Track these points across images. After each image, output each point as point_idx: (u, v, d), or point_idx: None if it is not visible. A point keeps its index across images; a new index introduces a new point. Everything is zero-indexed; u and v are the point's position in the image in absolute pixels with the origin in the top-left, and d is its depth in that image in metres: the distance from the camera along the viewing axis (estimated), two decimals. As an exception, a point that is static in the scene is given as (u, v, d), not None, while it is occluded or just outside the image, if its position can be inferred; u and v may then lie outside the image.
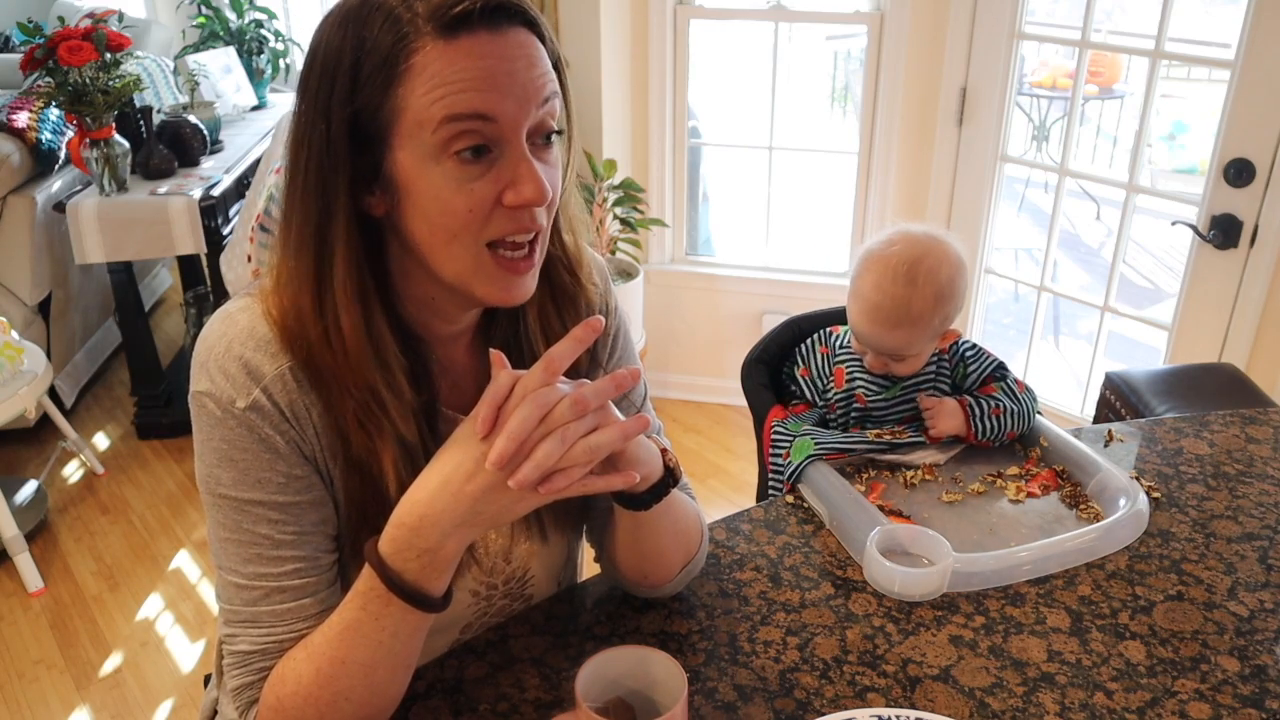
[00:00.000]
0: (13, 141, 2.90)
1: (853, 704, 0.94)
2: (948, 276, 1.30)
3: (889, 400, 1.37)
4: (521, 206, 0.79)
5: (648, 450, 0.88)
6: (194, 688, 2.22)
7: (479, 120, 0.76)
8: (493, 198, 0.79)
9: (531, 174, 0.79)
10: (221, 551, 0.87)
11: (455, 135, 0.77)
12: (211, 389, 0.84)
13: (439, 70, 0.76)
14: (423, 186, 0.79)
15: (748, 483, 2.91)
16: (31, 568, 2.51)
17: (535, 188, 0.79)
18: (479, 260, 0.81)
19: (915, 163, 2.88)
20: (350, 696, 0.83)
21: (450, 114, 0.76)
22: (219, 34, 3.86)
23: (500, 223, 0.80)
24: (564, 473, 0.75)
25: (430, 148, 0.77)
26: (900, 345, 1.33)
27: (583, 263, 0.98)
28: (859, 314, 1.33)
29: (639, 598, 1.07)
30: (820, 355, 1.44)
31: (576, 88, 0.84)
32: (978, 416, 1.33)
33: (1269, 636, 1.03)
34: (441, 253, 0.82)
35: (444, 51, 0.76)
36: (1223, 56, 2.27)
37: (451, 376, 0.95)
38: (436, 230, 0.80)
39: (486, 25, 0.76)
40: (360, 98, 0.78)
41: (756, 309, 3.19)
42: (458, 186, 0.78)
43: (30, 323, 2.97)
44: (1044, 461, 1.33)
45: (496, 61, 0.77)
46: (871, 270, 1.32)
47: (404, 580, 0.79)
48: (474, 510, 0.77)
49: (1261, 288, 2.30)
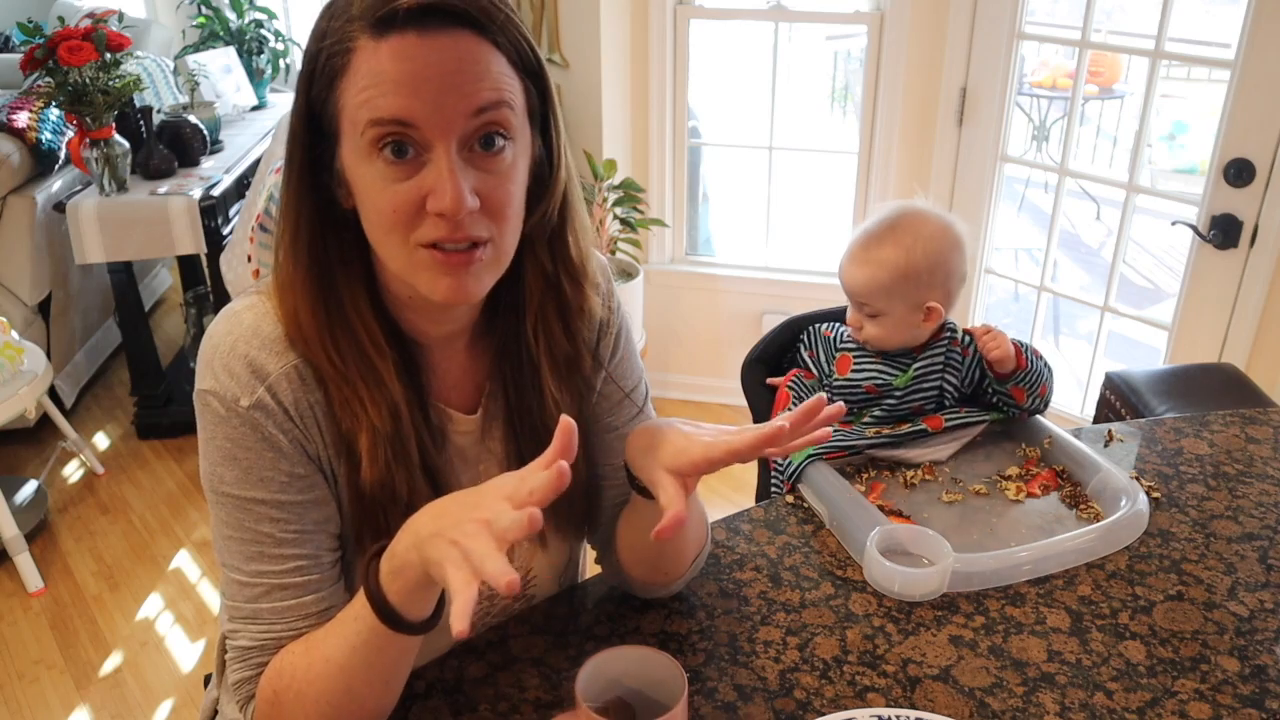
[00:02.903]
0: (13, 141, 2.90)
1: (853, 704, 0.94)
2: (930, 237, 1.31)
3: (904, 388, 1.36)
4: (440, 215, 0.78)
5: (696, 510, 0.90)
6: (194, 688, 2.22)
7: (398, 125, 0.76)
8: (416, 201, 0.78)
9: (451, 183, 0.76)
10: (224, 549, 0.87)
11: (378, 137, 0.77)
12: (216, 387, 0.84)
13: (368, 70, 0.76)
14: (361, 184, 0.80)
15: (748, 483, 2.89)
16: (31, 568, 2.51)
17: (453, 197, 0.76)
18: (414, 257, 0.81)
19: (915, 163, 2.88)
20: (330, 700, 0.83)
21: (372, 118, 0.76)
22: (219, 34, 3.86)
23: (429, 228, 0.79)
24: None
25: (362, 147, 0.78)
26: (865, 287, 1.32)
27: (588, 272, 0.96)
28: (844, 256, 1.37)
29: (639, 598, 1.07)
30: (824, 339, 1.45)
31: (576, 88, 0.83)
32: (1025, 349, 1.34)
33: (1269, 636, 1.03)
34: (383, 248, 0.82)
35: (374, 51, 0.76)
36: (1223, 56, 2.27)
37: (451, 378, 0.95)
38: (374, 227, 0.82)
39: (416, 27, 0.75)
40: (314, 90, 0.80)
41: (756, 309, 3.19)
42: (383, 186, 0.78)
43: (30, 323, 2.97)
44: (1044, 461, 1.33)
45: (421, 65, 0.75)
46: (867, 219, 1.37)
47: (380, 586, 0.78)
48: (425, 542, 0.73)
49: (1261, 288, 2.30)
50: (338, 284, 0.85)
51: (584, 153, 2.92)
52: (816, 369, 1.44)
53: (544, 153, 0.87)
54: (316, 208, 0.84)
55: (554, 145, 0.87)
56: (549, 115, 0.86)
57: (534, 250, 0.90)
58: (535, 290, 0.92)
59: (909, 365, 1.37)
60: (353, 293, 0.86)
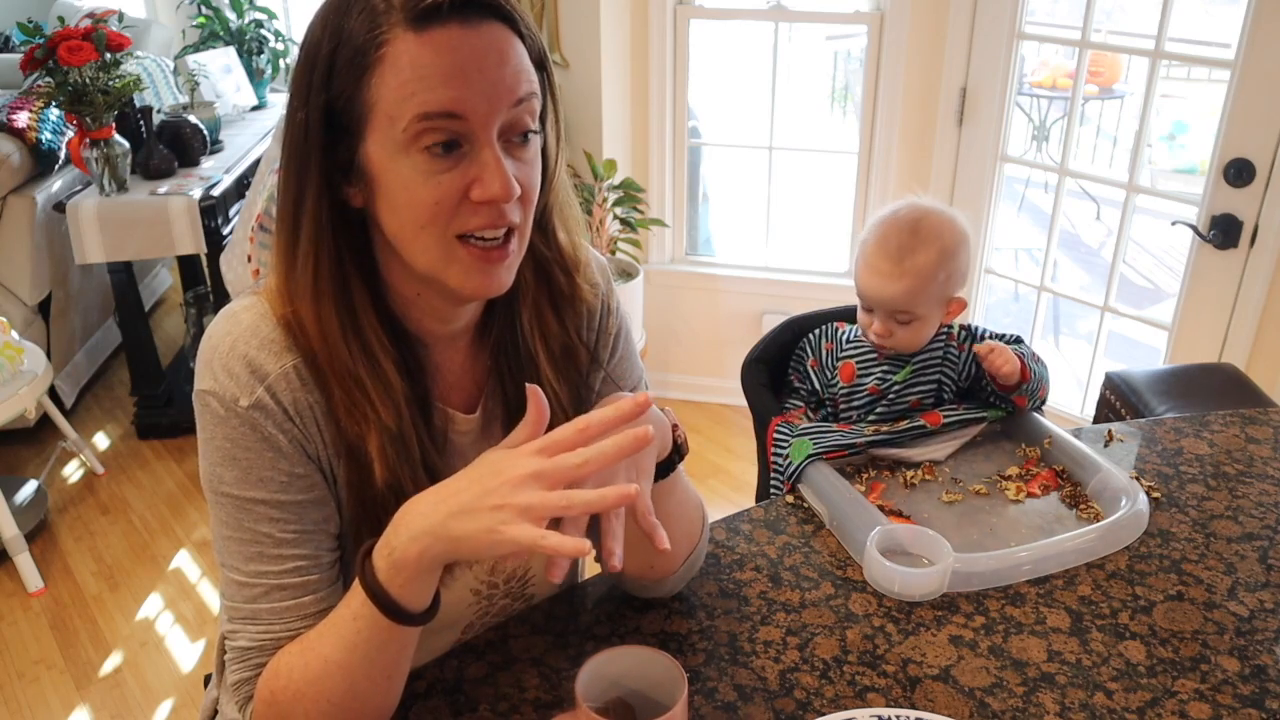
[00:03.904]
0: (13, 141, 2.89)
1: (853, 704, 0.94)
2: (951, 236, 1.34)
3: (903, 382, 1.37)
4: (488, 202, 0.79)
5: (658, 418, 0.89)
6: (194, 688, 2.22)
7: (448, 118, 0.77)
8: (460, 191, 0.79)
9: (499, 170, 0.78)
10: (224, 549, 0.87)
11: (424, 131, 0.77)
12: (215, 387, 0.84)
13: (409, 63, 0.76)
14: (391, 178, 0.80)
15: (748, 483, 2.91)
16: (31, 568, 2.51)
17: (502, 184, 0.78)
18: (450, 251, 0.81)
19: (915, 163, 2.88)
20: (333, 699, 0.82)
21: (421, 112, 0.76)
22: (219, 34, 3.86)
23: (468, 217, 0.80)
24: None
25: (400, 141, 0.78)
26: (902, 297, 1.33)
27: (580, 263, 0.97)
28: (865, 270, 1.36)
29: (639, 598, 1.07)
30: (825, 351, 1.44)
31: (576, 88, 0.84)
32: (1028, 359, 1.35)
33: (1269, 636, 1.03)
34: (413, 244, 0.82)
35: (414, 43, 0.76)
36: (1223, 56, 2.27)
37: (451, 377, 0.95)
38: (405, 222, 0.81)
39: (458, 18, 0.76)
40: (334, 86, 0.79)
41: (756, 309, 3.19)
42: (425, 179, 0.78)
43: (30, 323, 2.97)
44: (1044, 461, 1.33)
45: (467, 56, 0.76)
46: (879, 227, 1.36)
47: (378, 581, 0.78)
48: (445, 523, 0.74)
49: (1261, 288, 2.30)
50: (349, 284, 0.85)
51: (584, 153, 2.92)
52: (820, 378, 1.44)
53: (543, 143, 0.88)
54: (325, 207, 0.83)
55: (549, 137, 0.88)
56: (551, 107, 0.87)
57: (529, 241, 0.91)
58: (529, 281, 0.93)
59: (908, 360, 1.39)
60: (360, 292, 0.86)
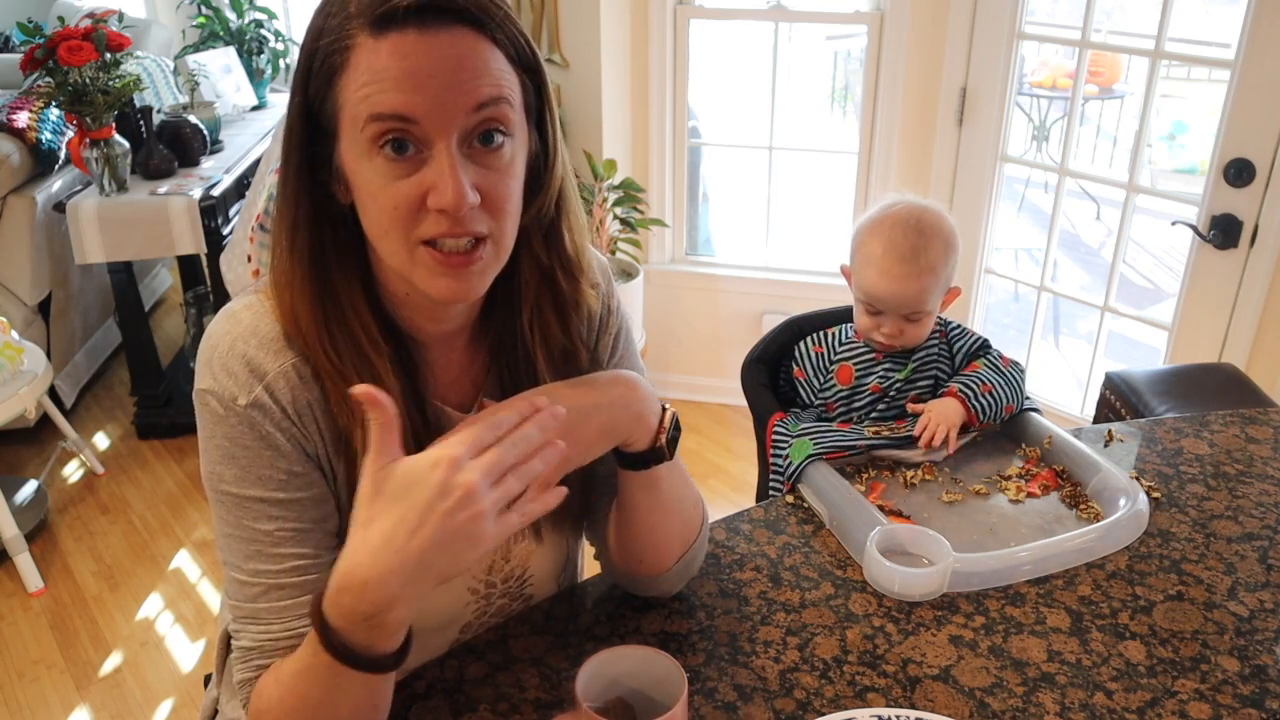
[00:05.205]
0: (13, 141, 2.89)
1: (853, 704, 0.94)
2: (947, 226, 1.37)
3: (905, 380, 1.39)
4: (441, 211, 0.78)
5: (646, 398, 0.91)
6: (194, 688, 2.22)
7: (400, 120, 0.76)
8: (417, 198, 0.78)
9: (452, 177, 0.77)
10: (225, 548, 0.87)
11: (379, 133, 0.77)
12: (214, 386, 0.84)
13: (367, 67, 0.76)
14: (359, 181, 0.80)
15: (748, 483, 2.91)
16: (31, 568, 2.51)
17: (455, 192, 0.76)
18: (414, 255, 0.81)
19: (915, 163, 2.88)
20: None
21: (372, 113, 0.76)
22: (219, 34, 3.86)
23: (430, 224, 0.79)
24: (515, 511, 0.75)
25: (362, 144, 0.78)
26: (918, 296, 1.35)
27: (584, 268, 0.96)
28: (876, 275, 1.36)
29: (639, 598, 1.07)
30: (815, 355, 1.44)
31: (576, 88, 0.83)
32: (973, 398, 1.34)
33: (1269, 636, 1.03)
34: (383, 245, 0.82)
35: (374, 48, 0.76)
36: (1223, 56, 2.27)
37: (447, 375, 0.95)
38: (372, 224, 0.82)
39: (416, 24, 0.75)
40: (311, 87, 0.80)
41: (756, 309, 3.19)
42: (384, 184, 0.78)
43: (30, 323, 2.97)
44: (1044, 461, 1.33)
45: (421, 62, 0.75)
46: (879, 230, 1.37)
47: (351, 645, 0.75)
48: (421, 565, 0.72)
49: (1261, 288, 2.30)
50: (334, 281, 0.85)
51: (584, 153, 2.92)
52: (807, 388, 1.44)
53: (540, 148, 0.87)
54: (314, 204, 0.84)
55: (550, 140, 0.88)
56: (545, 110, 0.86)
57: (530, 245, 0.91)
58: (531, 284, 0.92)
59: (909, 358, 1.40)
60: (350, 289, 0.86)
